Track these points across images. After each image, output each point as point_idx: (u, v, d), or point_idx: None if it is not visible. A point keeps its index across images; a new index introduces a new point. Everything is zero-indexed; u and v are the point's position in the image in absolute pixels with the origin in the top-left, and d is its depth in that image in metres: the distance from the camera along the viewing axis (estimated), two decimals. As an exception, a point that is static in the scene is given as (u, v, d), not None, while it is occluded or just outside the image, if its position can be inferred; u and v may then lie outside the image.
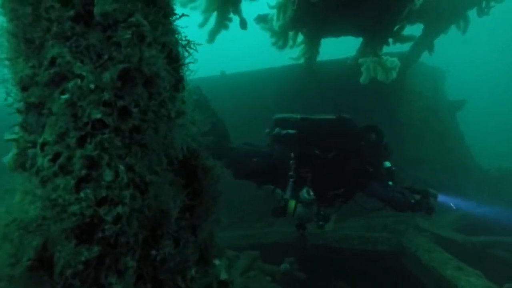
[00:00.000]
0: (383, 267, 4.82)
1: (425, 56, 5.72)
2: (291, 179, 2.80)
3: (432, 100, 6.39)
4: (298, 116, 2.98)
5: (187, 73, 1.07)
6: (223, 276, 1.23)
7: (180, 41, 1.00)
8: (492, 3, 4.04)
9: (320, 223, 2.85)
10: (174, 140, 0.73)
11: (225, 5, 3.29)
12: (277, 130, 2.97)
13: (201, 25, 3.55)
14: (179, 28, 1.02)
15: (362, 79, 4.90)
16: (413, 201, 3.05)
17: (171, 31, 0.89)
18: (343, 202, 3.19)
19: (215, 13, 3.46)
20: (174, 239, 0.58)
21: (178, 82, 0.94)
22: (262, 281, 3.91)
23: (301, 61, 4.89)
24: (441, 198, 3.20)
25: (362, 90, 5.05)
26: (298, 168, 2.84)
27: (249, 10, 4.26)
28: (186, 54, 1.06)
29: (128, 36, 0.55)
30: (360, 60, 4.83)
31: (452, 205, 4.97)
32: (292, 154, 2.87)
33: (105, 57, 0.53)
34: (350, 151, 2.98)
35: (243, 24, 3.75)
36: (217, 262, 1.25)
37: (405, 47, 5.73)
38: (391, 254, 4.75)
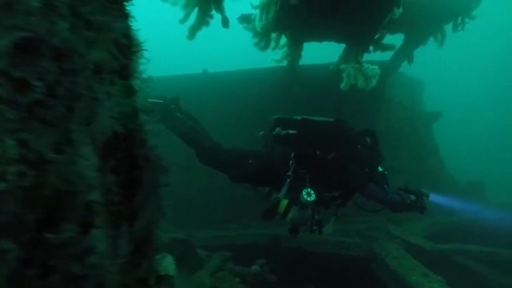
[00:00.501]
0: (355, 272, 4.87)
1: (407, 68, 5.86)
2: (288, 179, 2.72)
3: (411, 111, 6.54)
4: (299, 117, 2.97)
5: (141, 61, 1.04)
6: (170, 271, 1.19)
7: (130, 28, 0.97)
8: (467, 20, 4.18)
9: (314, 227, 2.82)
10: (100, 123, 0.70)
11: (207, 2, 3.26)
12: (277, 130, 2.91)
13: (182, 21, 3.50)
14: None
15: (343, 85, 4.96)
16: (409, 201, 3.12)
17: (115, 14, 0.86)
18: (341, 205, 3.20)
19: (196, 9, 3.42)
20: (81, 223, 0.55)
21: (122, 68, 0.91)
22: (231, 282, 3.87)
23: (284, 63, 4.90)
24: (432, 197, 3.32)
25: (343, 96, 5.11)
26: (297, 169, 2.83)
27: (234, 9, 4.24)
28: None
29: (35, 4, 0.51)
30: (342, 66, 4.89)
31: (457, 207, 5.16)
32: (292, 154, 2.84)
33: (5, 24, 0.49)
34: (348, 153, 2.99)
35: (225, 22, 3.72)
36: (165, 256, 1.22)
37: (387, 56, 5.87)
38: (362, 260, 4.81)
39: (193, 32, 3.38)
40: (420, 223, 5.47)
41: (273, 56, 4.79)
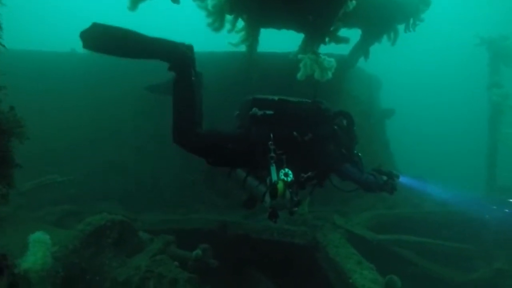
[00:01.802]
0: (298, 260, 4.99)
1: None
2: (272, 161, 2.65)
3: (366, 106, 6.71)
4: (276, 98, 2.93)
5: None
6: (39, 251, 1.10)
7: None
8: (417, 22, 4.30)
9: (294, 209, 2.77)
10: None
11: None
12: (254, 110, 2.83)
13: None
14: None
15: (299, 75, 4.95)
16: (381, 182, 3.17)
17: None
18: (317, 185, 3.17)
19: (142, -21, 3.21)
20: None
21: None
22: (168, 265, 3.80)
23: (241, 48, 4.80)
24: (401, 179, 3.41)
25: (302, 87, 5.09)
26: (275, 149, 2.73)
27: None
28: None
29: None
30: (299, 56, 4.87)
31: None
32: (272, 135, 2.75)
33: None
34: (325, 134, 2.99)
35: (176, -3, 3.54)
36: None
37: (346, 51, 5.93)
38: (306, 248, 4.92)
39: (134, 4, 3.17)
40: (364, 214, 5.69)
41: (230, 40, 4.66)
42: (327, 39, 4.50)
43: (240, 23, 4.49)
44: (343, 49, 5.76)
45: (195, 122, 2.78)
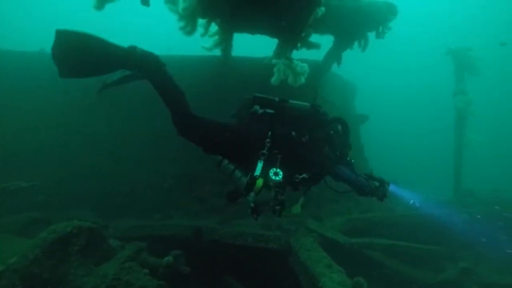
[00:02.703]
0: (272, 264, 4.98)
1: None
2: (262, 157, 2.68)
3: (341, 111, 6.83)
4: (277, 98, 3.01)
5: None
6: None
7: None
8: (386, 30, 4.46)
9: (277, 207, 2.76)
10: None
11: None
12: (255, 107, 2.88)
13: (94, -9, 3.22)
14: None
15: (273, 80, 5.00)
16: (374, 186, 3.22)
17: None
18: (309, 187, 3.19)
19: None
20: None
21: None
22: (137, 273, 3.69)
23: (214, 52, 4.80)
24: (391, 187, 3.47)
25: (277, 91, 5.14)
26: (271, 148, 2.76)
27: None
28: None
29: None
30: (273, 61, 4.92)
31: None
32: (270, 133, 2.79)
33: None
34: (321, 136, 3.07)
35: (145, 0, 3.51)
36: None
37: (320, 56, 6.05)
38: (280, 252, 4.93)
39: (101, 3, 3.11)
40: (338, 219, 5.76)
41: (203, 44, 4.65)
42: (298, 45, 4.58)
43: (214, 27, 4.50)
44: (319, 55, 5.88)
45: (188, 107, 2.81)
